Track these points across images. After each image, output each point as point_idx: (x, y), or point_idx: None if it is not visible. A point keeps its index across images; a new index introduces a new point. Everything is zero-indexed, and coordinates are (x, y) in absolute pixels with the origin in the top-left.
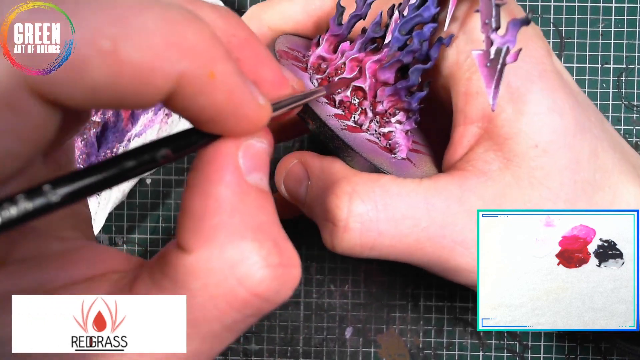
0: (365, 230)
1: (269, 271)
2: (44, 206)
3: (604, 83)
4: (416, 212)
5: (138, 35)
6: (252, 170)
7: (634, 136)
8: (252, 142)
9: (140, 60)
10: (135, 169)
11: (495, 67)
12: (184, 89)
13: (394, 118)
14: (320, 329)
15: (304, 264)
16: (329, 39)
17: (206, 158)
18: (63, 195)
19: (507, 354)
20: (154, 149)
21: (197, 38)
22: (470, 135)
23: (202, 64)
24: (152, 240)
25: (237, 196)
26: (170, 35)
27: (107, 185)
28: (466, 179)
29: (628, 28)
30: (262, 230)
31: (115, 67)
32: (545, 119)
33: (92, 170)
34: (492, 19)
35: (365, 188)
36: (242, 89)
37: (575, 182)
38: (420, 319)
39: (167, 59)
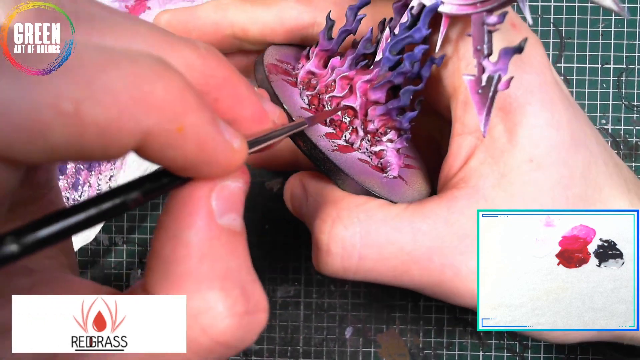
0: (346, 255)
1: (233, 320)
2: (5, 257)
3: (604, 83)
4: (400, 237)
5: (102, 95)
6: (226, 212)
7: (634, 136)
8: (227, 183)
9: (103, 119)
10: (106, 213)
11: (486, 95)
12: (151, 144)
13: (386, 137)
14: (320, 329)
15: (304, 264)
16: (318, 54)
17: (178, 201)
18: (25, 245)
19: (507, 354)
20: (124, 193)
21: (165, 92)
22: (467, 146)
23: (170, 118)
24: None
25: (207, 242)
26: (136, 91)
27: (74, 232)
28: (456, 201)
29: (628, 28)
30: (230, 278)
31: (77, 128)
32: (543, 133)
33: (57, 217)
34: (485, 45)
35: (350, 213)
36: (214, 138)
37: (567, 197)
38: (420, 318)
39: (132, 116)
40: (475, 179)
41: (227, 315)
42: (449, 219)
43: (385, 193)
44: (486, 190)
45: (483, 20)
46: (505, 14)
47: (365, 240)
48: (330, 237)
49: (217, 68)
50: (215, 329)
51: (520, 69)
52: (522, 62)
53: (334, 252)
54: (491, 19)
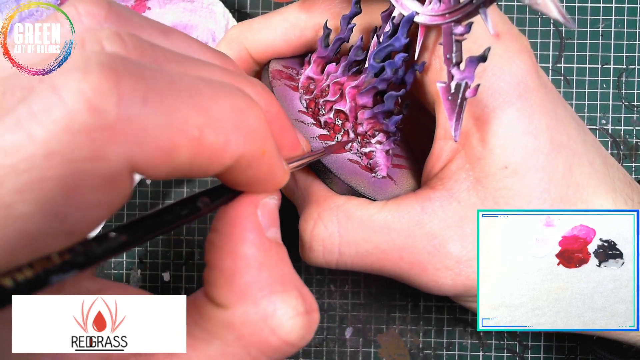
0: (327, 252)
1: (297, 320)
2: (109, 249)
3: (604, 83)
4: (375, 236)
5: (216, 123)
6: (270, 226)
7: (634, 137)
8: (267, 200)
9: (216, 143)
10: (181, 217)
11: (455, 101)
12: (240, 164)
13: (374, 139)
14: (320, 329)
15: (303, 264)
16: (316, 60)
17: (227, 220)
18: (122, 242)
19: (507, 354)
20: (194, 201)
21: (256, 122)
22: (448, 150)
23: (259, 144)
24: (152, 240)
25: (262, 252)
26: (237, 120)
27: (165, 230)
28: (430, 201)
29: (628, 28)
30: (288, 282)
31: (197, 150)
32: (519, 141)
33: (149, 219)
34: (453, 54)
35: (330, 213)
36: (278, 161)
37: (545, 200)
38: (420, 319)
39: (235, 141)
40: (452, 182)
41: (292, 315)
42: (421, 219)
43: (371, 192)
44: (460, 194)
45: (451, 31)
46: (471, 25)
47: (343, 239)
48: (312, 236)
49: (271, 104)
50: (284, 329)
51: (499, 79)
52: (502, 72)
53: (315, 249)
54: (458, 29)
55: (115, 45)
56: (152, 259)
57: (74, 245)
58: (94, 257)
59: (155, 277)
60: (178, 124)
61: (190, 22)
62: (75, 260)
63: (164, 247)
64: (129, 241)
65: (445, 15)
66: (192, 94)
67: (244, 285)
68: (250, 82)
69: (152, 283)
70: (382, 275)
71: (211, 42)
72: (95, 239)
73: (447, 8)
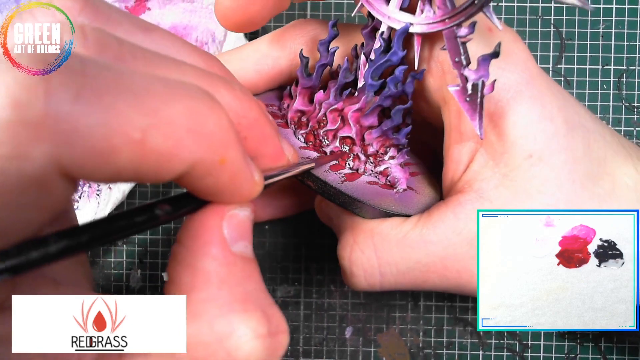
0: (368, 275)
1: (257, 342)
2: (45, 256)
3: (605, 84)
4: (414, 252)
5: (165, 126)
6: (237, 240)
7: (635, 137)
8: (236, 212)
9: (163, 148)
10: (136, 225)
11: (475, 101)
12: (195, 171)
13: (387, 155)
14: (320, 328)
15: (303, 264)
16: (301, 92)
17: (191, 231)
18: (62, 247)
19: (507, 354)
20: (152, 209)
21: (215, 127)
22: (466, 153)
23: (217, 151)
24: (152, 240)
25: (224, 268)
26: (192, 124)
27: (114, 238)
28: (462, 206)
29: (629, 29)
30: (250, 300)
31: (140, 154)
32: (538, 127)
33: (99, 225)
34: (462, 56)
35: (365, 237)
36: (244, 171)
37: (574, 180)
38: (420, 318)
39: (187, 146)
40: (479, 182)
41: (251, 337)
42: (456, 226)
43: (401, 208)
44: (490, 192)
45: (455, 34)
46: (475, 24)
47: (382, 260)
48: (350, 262)
49: (249, 110)
50: (241, 352)
51: (506, 70)
52: (505, 63)
53: (356, 274)
54: (462, 31)
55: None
56: (152, 259)
57: (9, 248)
58: (29, 262)
59: (155, 277)
60: (116, 124)
61: (190, 23)
62: (5, 265)
63: (164, 247)
64: (71, 246)
65: (445, 21)
66: (140, 94)
67: (200, 301)
68: (228, 85)
69: (152, 283)
70: (431, 290)
71: (211, 42)
72: (31, 243)
73: (446, 13)
